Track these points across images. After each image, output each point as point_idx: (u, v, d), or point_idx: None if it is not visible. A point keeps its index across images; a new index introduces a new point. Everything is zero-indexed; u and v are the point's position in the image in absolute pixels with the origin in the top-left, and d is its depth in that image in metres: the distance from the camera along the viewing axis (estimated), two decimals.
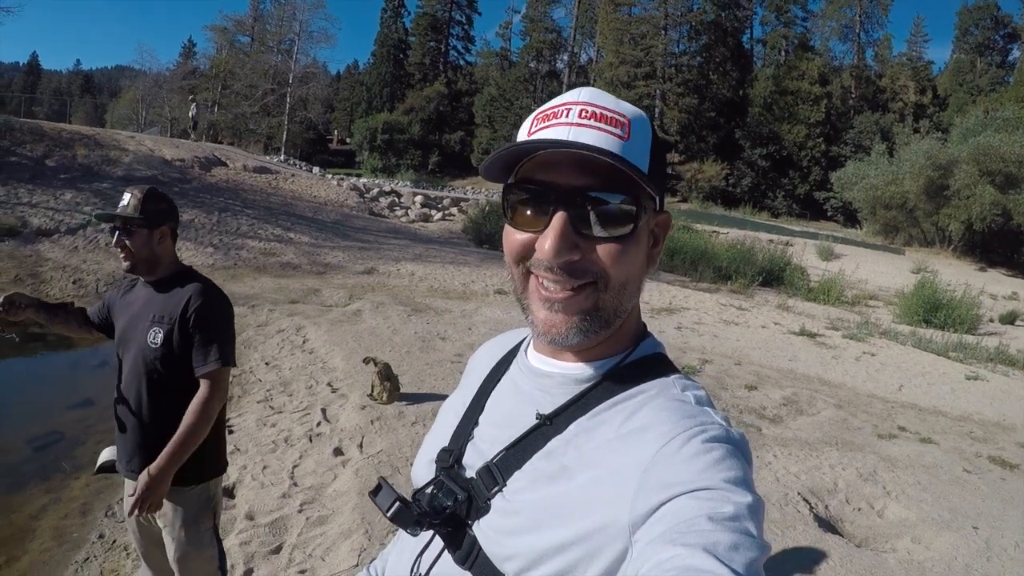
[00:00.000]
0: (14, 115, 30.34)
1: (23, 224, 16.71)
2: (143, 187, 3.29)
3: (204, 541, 3.23)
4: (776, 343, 12.40)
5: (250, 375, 8.81)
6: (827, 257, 28.93)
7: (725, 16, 69.94)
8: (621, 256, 1.10)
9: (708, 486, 0.92)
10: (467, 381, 1.49)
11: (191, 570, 3.23)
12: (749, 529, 0.87)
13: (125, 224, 3.16)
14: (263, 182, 26.56)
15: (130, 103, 67.51)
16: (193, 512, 3.19)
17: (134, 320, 3.24)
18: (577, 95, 1.14)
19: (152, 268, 3.24)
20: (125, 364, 3.24)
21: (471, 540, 1.15)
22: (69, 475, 6.36)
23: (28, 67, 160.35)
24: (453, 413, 1.39)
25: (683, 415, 1.06)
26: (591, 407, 1.14)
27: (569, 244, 1.07)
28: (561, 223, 1.07)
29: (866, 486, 6.23)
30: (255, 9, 67.25)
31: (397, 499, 1.19)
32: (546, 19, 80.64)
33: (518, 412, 1.22)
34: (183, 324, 3.09)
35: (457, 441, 1.31)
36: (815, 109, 61.52)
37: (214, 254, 16.67)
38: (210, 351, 3.09)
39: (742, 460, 0.99)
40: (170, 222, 3.31)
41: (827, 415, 8.31)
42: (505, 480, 1.15)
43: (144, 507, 2.96)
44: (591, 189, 1.07)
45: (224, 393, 3.16)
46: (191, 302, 3.11)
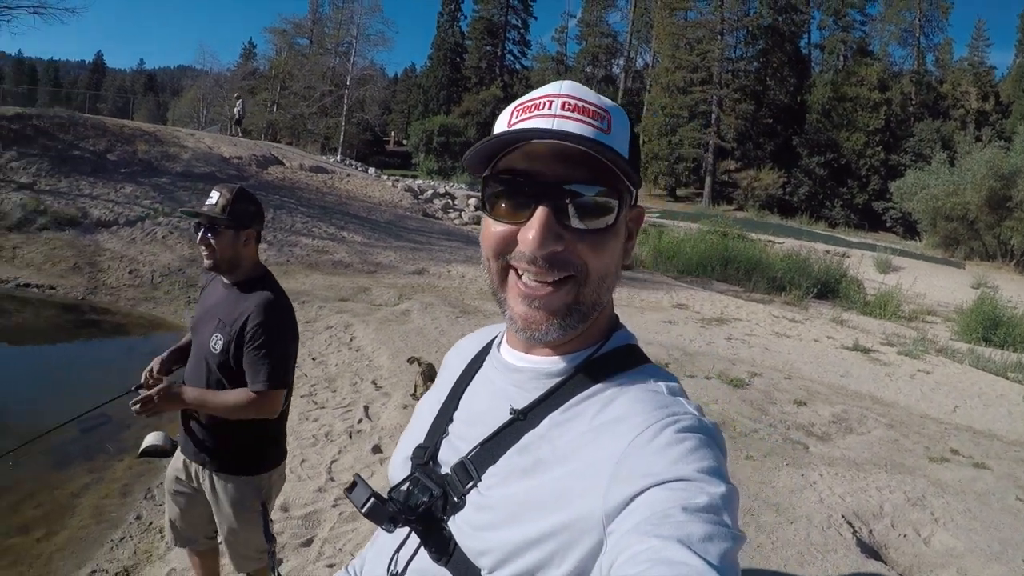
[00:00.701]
0: (79, 111, 30.91)
1: (83, 215, 17.13)
2: (232, 187, 3.34)
3: (251, 520, 3.31)
4: (828, 358, 12.19)
5: (297, 369, 8.89)
6: (884, 270, 28.34)
7: (782, 20, 69.08)
8: (602, 248, 1.12)
9: (681, 476, 0.93)
10: (442, 378, 1.51)
11: (239, 542, 3.36)
12: (723, 519, 0.89)
13: (212, 223, 3.20)
14: (319, 181, 26.76)
15: (191, 102, 68.53)
16: (242, 496, 3.29)
17: (206, 315, 3.34)
18: (558, 88, 1.15)
19: (233, 269, 3.31)
20: (194, 351, 3.37)
21: (446, 536, 1.16)
22: (113, 457, 6.61)
23: (93, 65, 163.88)
24: (428, 411, 1.41)
25: (656, 405, 1.07)
26: (564, 401, 1.15)
27: (553, 235, 1.08)
28: (545, 214, 1.07)
29: (914, 511, 6.07)
30: (314, 12, 67.83)
31: (372, 496, 1.21)
32: (602, 23, 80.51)
33: (492, 408, 1.23)
34: (240, 338, 3.14)
35: (432, 438, 1.32)
36: (874, 116, 60.13)
37: (267, 250, 16.84)
38: (260, 371, 3.13)
39: (716, 450, 1.01)
40: (256, 224, 3.38)
41: (877, 435, 8.11)
42: (480, 475, 1.16)
43: (147, 407, 3.10)
44: (574, 181, 1.08)
45: (267, 411, 3.20)
46: (251, 317, 3.15)
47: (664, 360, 10.19)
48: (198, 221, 3.23)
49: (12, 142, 20.47)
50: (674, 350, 11.12)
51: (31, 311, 12.36)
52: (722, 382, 9.48)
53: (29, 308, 12.44)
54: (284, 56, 64.44)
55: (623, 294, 16.67)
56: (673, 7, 67.36)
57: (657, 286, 18.89)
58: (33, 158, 20.03)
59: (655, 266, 23.16)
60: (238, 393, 3.14)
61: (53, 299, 12.75)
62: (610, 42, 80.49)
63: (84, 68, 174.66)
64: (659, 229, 30.16)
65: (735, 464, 6.64)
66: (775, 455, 7.01)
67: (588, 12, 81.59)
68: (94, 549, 5.07)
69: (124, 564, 4.85)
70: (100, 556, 4.95)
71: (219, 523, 3.36)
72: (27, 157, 19.99)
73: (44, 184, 18.85)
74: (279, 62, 63.68)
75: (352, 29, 60.98)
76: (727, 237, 26.66)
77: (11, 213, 16.63)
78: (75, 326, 11.88)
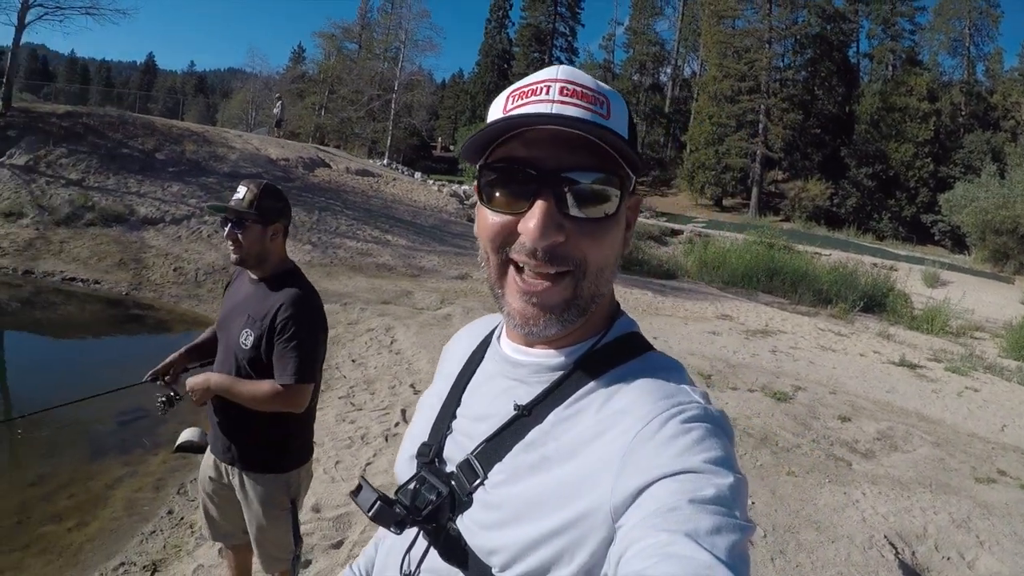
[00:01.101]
0: (130, 111, 31.39)
1: (130, 212, 17.51)
2: (260, 182, 3.37)
3: (280, 518, 3.35)
4: (874, 373, 12.03)
5: (336, 371, 9.03)
6: (932, 284, 27.96)
7: (830, 29, 68.32)
8: (602, 239, 1.10)
9: (689, 468, 0.92)
10: (442, 372, 1.49)
11: (268, 541, 3.39)
12: (731, 511, 0.88)
13: (239, 218, 3.24)
14: (364, 184, 27.03)
15: (241, 104, 69.26)
16: (270, 494, 3.32)
17: (235, 311, 3.35)
18: (555, 72, 1.11)
19: (260, 263, 3.33)
20: (220, 347, 3.39)
21: (455, 535, 1.14)
22: (148, 451, 6.74)
23: (145, 66, 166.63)
24: (431, 407, 1.39)
25: (661, 395, 1.06)
26: (569, 395, 1.14)
27: (555, 225, 1.05)
28: (547, 203, 1.05)
29: (958, 533, 5.94)
30: (363, 17, 68.23)
31: (378, 498, 1.19)
32: (649, 31, 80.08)
33: (495, 403, 1.22)
34: (271, 332, 3.16)
35: (436, 436, 1.30)
36: (923, 127, 59.10)
37: (312, 251, 17.06)
38: (288, 365, 3.14)
39: (723, 439, 1.00)
40: (284, 220, 3.43)
41: (923, 453, 7.97)
42: (486, 473, 1.15)
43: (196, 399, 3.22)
44: (574, 168, 1.06)
45: (294, 405, 3.22)
46: (281, 311, 3.16)
47: (707, 371, 10.18)
48: (225, 216, 3.28)
49: (63, 139, 20.91)
50: (717, 362, 11.06)
51: (76, 304, 12.58)
52: (765, 395, 9.40)
53: (74, 301, 12.67)
54: (333, 60, 64.87)
55: (667, 303, 16.65)
56: (721, 15, 67.00)
57: (702, 296, 18.84)
58: (83, 155, 20.45)
59: (700, 276, 23.15)
60: (265, 385, 3.16)
61: (97, 293, 13.00)
62: (657, 50, 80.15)
63: (135, 69, 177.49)
64: (705, 239, 30.04)
65: (776, 479, 6.60)
66: (817, 471, 6.93)
67: (636, 20, 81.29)
68: (124, 541, 5.15)
69: (153, 558, 4.91)
70: (130, 549, 5.02)
71: (248, 521, 3.39)
72: (77, 154, 20.43)
73: (93, 181, 19.24)
74: (328, 66, 64.09)
75: (400, 34, 61.06)
76: (773, 248, 26.48)
77: (59, 208, 17.00)
78: (118, 321, 12.11)
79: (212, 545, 4.65)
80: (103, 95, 68.00)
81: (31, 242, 15.20)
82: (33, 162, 19.62)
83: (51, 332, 11.42)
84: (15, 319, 11.81)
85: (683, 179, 67.53)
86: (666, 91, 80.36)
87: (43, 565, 4.84)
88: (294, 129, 55.72)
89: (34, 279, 13.49)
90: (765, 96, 63.46)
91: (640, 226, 30.88)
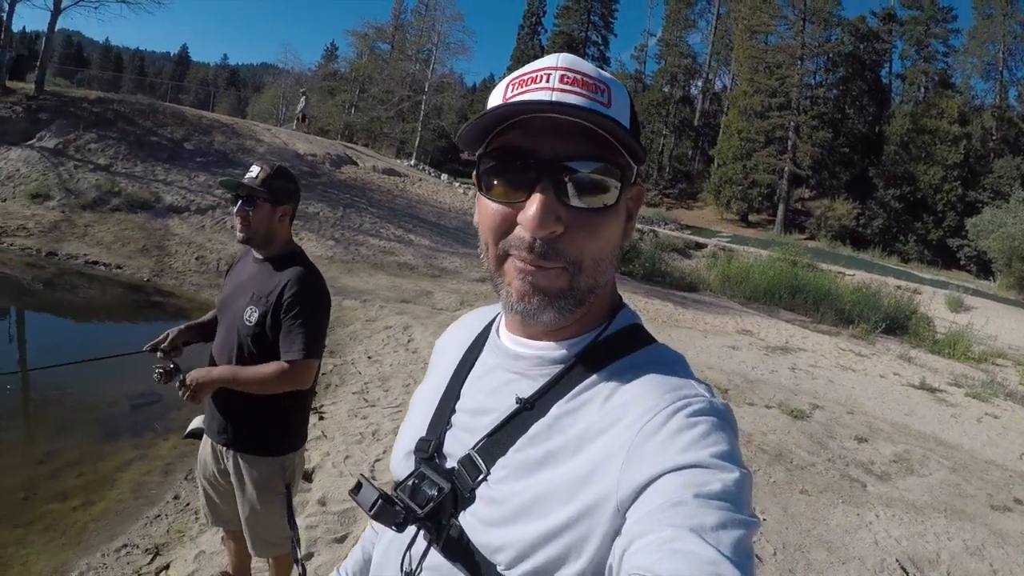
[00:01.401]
0: (161, 100, 31.65)
1: (156, 199, 17.69)
2: (272, 163, 3.43)
3: (275, 503, 3.37)
4: (893, 395, 11.95)
5: (351, 366, 9.08)
6: (956, 308, 27.65)
7: (864, 48, 68.14)
8: (600, 230, 1.08)
9: (695, 463, 0.92)
10: (438, 365, 1.46)
11: (261, 525, 3.41)
12: (736, 506, 0.88)
13: (250, 195, 3.30)
14: (390, 183, 27.22)
15: (272, 99, 69.71)
16: (266, 478, 3.34)
17: (237, 291, 3.40)
18: (555, 60, 1.09)
19: (267, 243, 3.39)
20: (221, 329, 3.43)
21: (458, 532, 1.13)
22: (159, 435, 6.76)
23: (178, 58, 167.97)
24: (428, 402, 1.36)
25: (666, 388, 1.05)
26: (571, 387, 1.12)
27: (553, 215, 1.03)
28: (545, 191, 1.03)
29: (972, 561, 5.87)
30: (396, 18, 68.52)
31: (379, 496, 1.17)
32: (682, 44, 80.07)
33: (496, 397, 1.20)
34: (276, 308, 3.20)
35: (435, 430, 1.28)
36: (953, 150, 58.58)
37: (334, 247, 17.17)
38: (295, 341, 3.19)
39: (728, 432, 0.99)
40: (293, 202, 3.48)
41: (939, 477, 7.89)
42: (488, 469, 1.13)
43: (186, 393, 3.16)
44: (574, 157, 1.04)
45: (299, 382, 3.26)
46: (287, 288, 3.21)
47: (724, 386, 10.12)
48: (236, 193, 3.33)
49: (93, 124, 21.14)
50: (735, 376, 11.02)
51: (97, 288, 12.67)
52: (782, 412, 9.34)
53: (95, 285, 12.76)
54: (365, 59, 65.22)
55: (687, 316, 16.64)
56: (754, 30, 66.96)
57: (723, 310, 18.82)
58: (112, 141, 20.67)
59: (723, 290, 23.10)
60: (271, 366, 3.19)
61: (119, 278, 13.08)
62: (689, 63, 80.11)
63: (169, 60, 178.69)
64: (729, 254, 29.99)
65: (789, 497, 6.55)
66: (831, 491, 6.87)
67: (668, 32, 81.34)
68: (129, 524, 5.16)
69: (156, 541, 4.92)
70: (133, 531, 5.04)
71: (240, 505, 3.41)
72: (106, 140, 20.65)
73: (120, 167, 19.45)
74: (359, 65, 64.45)
75: (433, 36, 61.36)
76: (797, 265, 26.42)
77: (86, 192, 17.19)
78: (138, 306, 12.18)
79: (215, 532, 4.64)
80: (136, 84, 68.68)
81: (56, 224, 15.31)
82: (62, 145, 19.82)
83: (71, 314, 11.50)
84: (36, 299, 11.90)
85: (709, 193, 67.47)
86: (696, 104, 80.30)
87: (46, 542, 4.85)
88: (323, 126, 55.98)
89: (57, 261, 13.58)
90: (795, 113, 63.32)
91: (664, 238, 30.92)
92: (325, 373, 8.82)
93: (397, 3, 69.32)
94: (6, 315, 11.06)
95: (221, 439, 3.39)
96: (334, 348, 9.88)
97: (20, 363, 8.62)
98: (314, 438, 6.62)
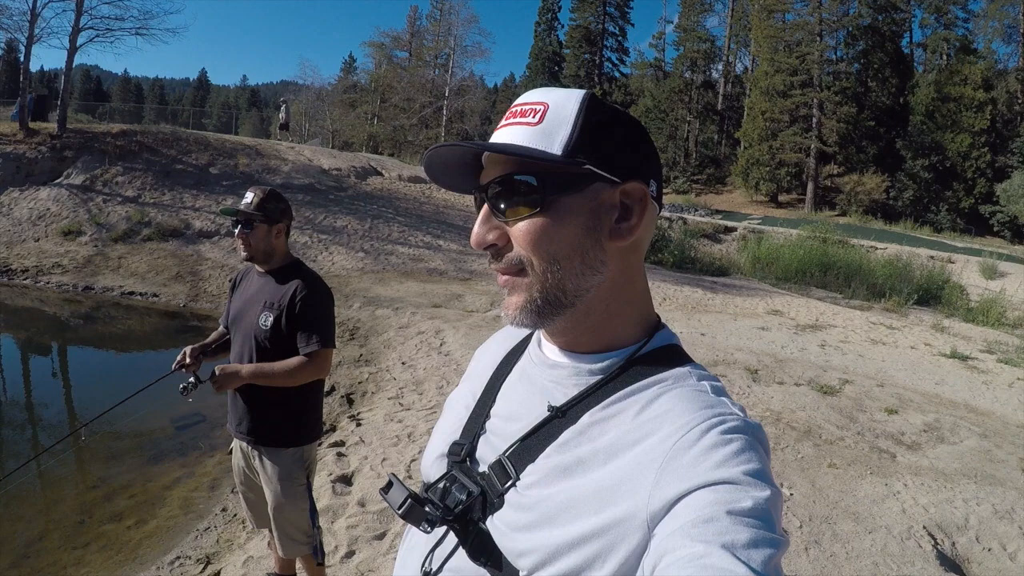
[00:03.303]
0: (184, 127, 32.00)
1: (186, 226, 18.02)
2: (264, 188, 3.81)
3: (297, 495, 3.69)
4: (924, 365, 11.94)
5: (386, 373, 9.31)
6: (990, 276, 27.23)
7: (882, 20, 66.77)
8: (535, 233, 1.12)
9: (727, 479, 0.93)
10: (475, 372, 1.51)
11: (285, 519, 3.71)
12: (768, 524, 0.89)
13: (248, 219, 3.65)
14: (416, 191, 27.30)
15: (293, 116, 69.92)
16: (288, 469, 3.66)
17: (248, 303, 3.74)
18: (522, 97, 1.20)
19: (267, 259, 3.74)
20: (236, 339, 3.77)
21: (485, 535, 1.15)
22: (204, 453, 7.06)
23: (197, 82, 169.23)
24: (463, 406, 1.40)
25: (700, 405, 1.06)
26: (605, 397, 1.15)
27: (487, 228, 1.15)
28: (482, 210, 1.16)
29: (1000, 524, 5.91)
30: (412, 25, 68.84)
31: (409, 496, 1.20)
32: (699, 28, 79.13)
33: (530, 404, 1.23)
34: (290, 311, 3.57)
35: (468, 435, 1.32)
36: (979, 116, 57.01)
37: (364, 258, 17.34)
38: (313, 335, 3.57)
39: (760, 451, 1.01)
40: (286, 219, 3.82)
41: (969, 444, 7.91)
42: (518, 474, 1.15)
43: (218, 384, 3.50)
44: (493, 180, 1.14)
45: (322, 370, 3.66)
46: (298, 292, 3.60)
47: (753, 366, 10.21)
48: (235, 218, 3.68)
49: (118, 158, 21.52)
50: (764, 356, 11.09)
51: (136, 318, 12.99)
52: (811, 389, 9.42)
53: (134, 315, 13.07)
54: (383, 69, 65.49)
55: (717, 300, 16.63)
56: (771, 9, 66.14)
57: (753, 292, 18.79)
58: (138, 172, 21.03)
59: (753, 273, 23.00)
60: (294, 359, 3.59)
61: (156, 306, 13.41)
62: (708, 47, 79.31)
63: (188, 85, 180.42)
64: (759, 235, 29.86)
65: (817, 471, 6.64)
66: (859, 463, 6.95)
67: (685, 17, 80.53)
68: (180, 537, 5.45)
69: (207, 552, 5.20)
70: (185, 544, 5.32)
71: (269, 500, 3.73)
72: (132, 171, 21.02)
73: (148, 197, 19.79)
74: (378, 75, 64.73)
75: (450, 41, 61.55)
76: (827, 243, 26.27)
77: (117, 225, 17.56)
78: (176, 332, 12.49)
79: (262, 538, 4.89)
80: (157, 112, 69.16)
81: (90, 259, 15.67)
82: (90, 181, 20.22)
83: (112, 345, 11.81)
84: (77, 334, 12.21)
85: (737, 176, 66.68)
86: (718, 88, 79.58)
87: (103, 560, 5.13)
88: (347, 139, 56.25)
89: (94, 294, 13.91)
90: (818, 90, 62.43)
91: (693, 224, 30.75)
92: (361, 382, 9.02)
93: (412, 10, 69.55)
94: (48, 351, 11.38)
95: (246, 437, 3.70)
96: (369, 357, 10.08)
97: (68, 411, 8.89)
98: (352, 444, 6.83)
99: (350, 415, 7.91)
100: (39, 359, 11.17)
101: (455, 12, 62.61)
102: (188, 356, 3.72)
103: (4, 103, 25.71)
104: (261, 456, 3.70)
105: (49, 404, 9.08)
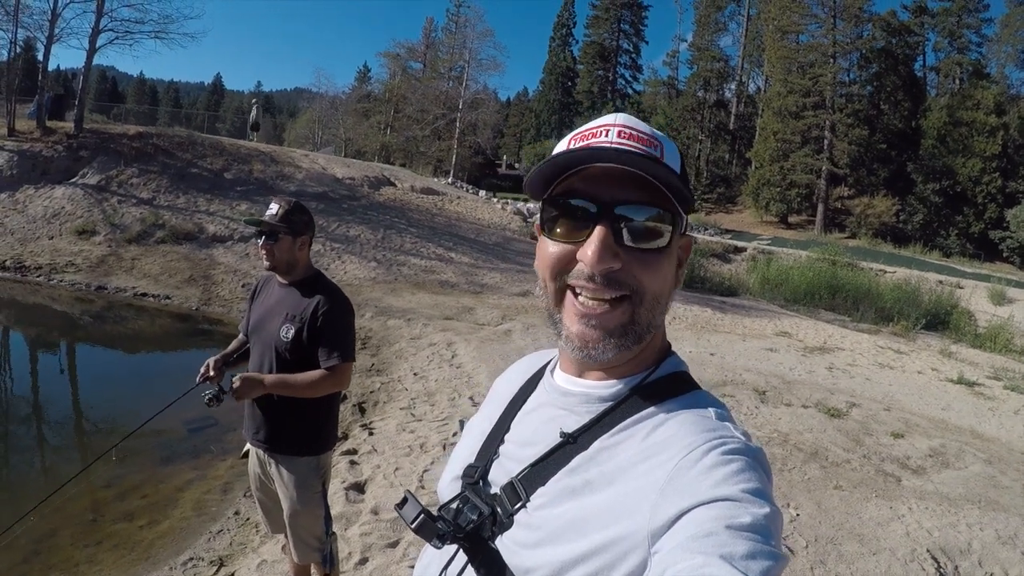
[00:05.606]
0: (198, 131, 32.12)
1: (200, 230, 18.15)
2: (290, 199, 3.85)
3: (313, 502, 3.75)
4: (931, 390, 11.95)
5: (397, 383, 9.38)
6: (999, 301, 27.23)
7: (896, 43, 66.74)
8: (656, 269, 1.16)
9: (727, 497, 0.97)
10: (492, 400, 1.55)
11: (300, 525, 3.76)
12: (766, 539, 0.92)
13: (272, 230, 3.68)
14: (429, 203, 27.41)
15: (307, 123, 70.40)
16: (303, 477, 3.72)
17: (269, 313, 3.79)
18: (614, 119, 1.21)
19: (290, 270, 3.79)
20: (256, 348, 3.82)
21: (494, 554, 1.18)
22: (216, 456, 7.15)
23: (212, 87, 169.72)
24: (480, 432, 1.45)
25: (703, 428, 1.11)
26: (614, 424, 1.18)
27: (611, 252, 1.12)
28: (604, 232, 1.12)
29: (1003, 550, 5.93)
30: (427, 37, 69.21)
31: (422, 512, 1.24)
32: (713, 47, 79.06)
33: (543, 431, 1.27)
34: (312, 324, 3.62)
35: (483, 458, 1.36)
36: (991, 141, 56.83)
37: (376, 268, 17.42)
38: (335, 350, 3.62)
39: (760, 472, 1.04)
40: (310, 232, 3.87)
41: (974, 470, 7.93)
42: (528, 496, 1.19)
43: (238, 392, 3.52)
44: (629, 202, 1.14)
45: (342, 383, 3.74)
46: (320, 306, 3.64)
47: (761, 388, 10.26)
48: (260, 229, 3.73)
49: (133, 159, 21.67)
50: (772, 378, 11.12)
51: (147, 319, 13.13)
52: (818, 411, 9.45)
53: (145, 316, 13.22)
54: (398, 80, 65.71)
55: (726, 320, 16.66)
56: (785, 30, 66.14)
57: (761, 313, 18.82)
58: (153, 175, 21.19)
59: (762, 294, 23.00)
60: (316, 371, 3.64)
61: (168, 308, 13.55)
62: (722, 66, 79.27)
63: (203, 89, 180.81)
64: (768, 256, 29.88)
65: (823, 493, 6.69)
66: (865, 486, 7.00)
67: (699, 36, 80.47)
68: (193, 539, 5.55)
69: (220, 554, 5.29)
70: (198, 545, 5.41)
71: (284, 507, 3.78)
72: (148, 174, 21.17)
73: (163, 200, 19.97)
74: (393, 85, 65.00)
75: (464, 54, 61.62)
76: (836, 265, 26.28)
77: (131, 226, 17.71)
78: (188, 335, 12.63)
79: (276, 542, 4.95)
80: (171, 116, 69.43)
81: (103, 259, 15.80)
82: (105, 182, 20.40)
83: (124, 346, 11.92)
84: (89, 333, 12.33)
85: (748, 196, 66.57)
86: (730, 107, 79.50)
87: (116, 559, 5.22)
88: (360, 148, 56.42)
89: (107, 294, 14.05)
90: (830, 111, 62.31)
91: (703, 243, 30.79)
92: (373, 391, 9.10)
93: (427, 22, 69.85)
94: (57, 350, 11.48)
95: (263, 445, 3.77)
96: (381, 367, 10.15)
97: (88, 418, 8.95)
98: (365, 452, 6.91)
99: (362, 424, 7.98)
100: (49, 357, 11.34)
101: (470, 25, 62.82)
102: (212, 368, 3.80)
103: (21, 101, 25.79)
104: (277, 464, 3.76)
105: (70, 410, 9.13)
